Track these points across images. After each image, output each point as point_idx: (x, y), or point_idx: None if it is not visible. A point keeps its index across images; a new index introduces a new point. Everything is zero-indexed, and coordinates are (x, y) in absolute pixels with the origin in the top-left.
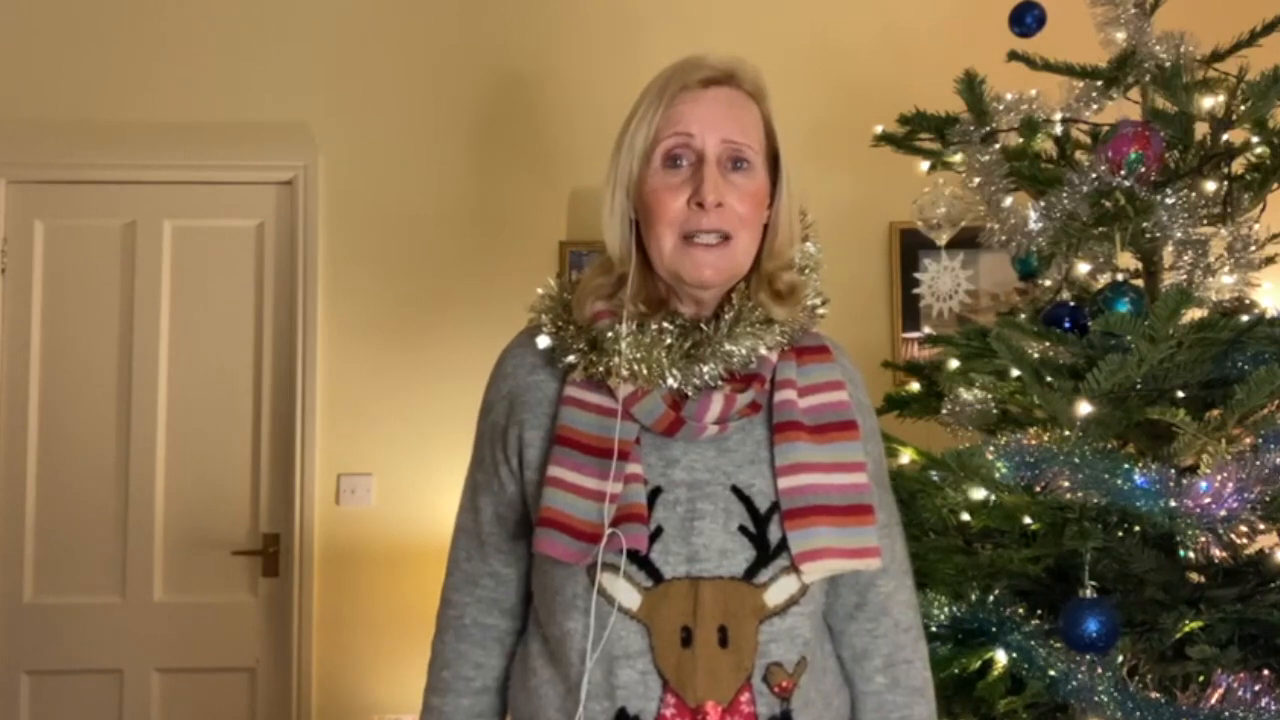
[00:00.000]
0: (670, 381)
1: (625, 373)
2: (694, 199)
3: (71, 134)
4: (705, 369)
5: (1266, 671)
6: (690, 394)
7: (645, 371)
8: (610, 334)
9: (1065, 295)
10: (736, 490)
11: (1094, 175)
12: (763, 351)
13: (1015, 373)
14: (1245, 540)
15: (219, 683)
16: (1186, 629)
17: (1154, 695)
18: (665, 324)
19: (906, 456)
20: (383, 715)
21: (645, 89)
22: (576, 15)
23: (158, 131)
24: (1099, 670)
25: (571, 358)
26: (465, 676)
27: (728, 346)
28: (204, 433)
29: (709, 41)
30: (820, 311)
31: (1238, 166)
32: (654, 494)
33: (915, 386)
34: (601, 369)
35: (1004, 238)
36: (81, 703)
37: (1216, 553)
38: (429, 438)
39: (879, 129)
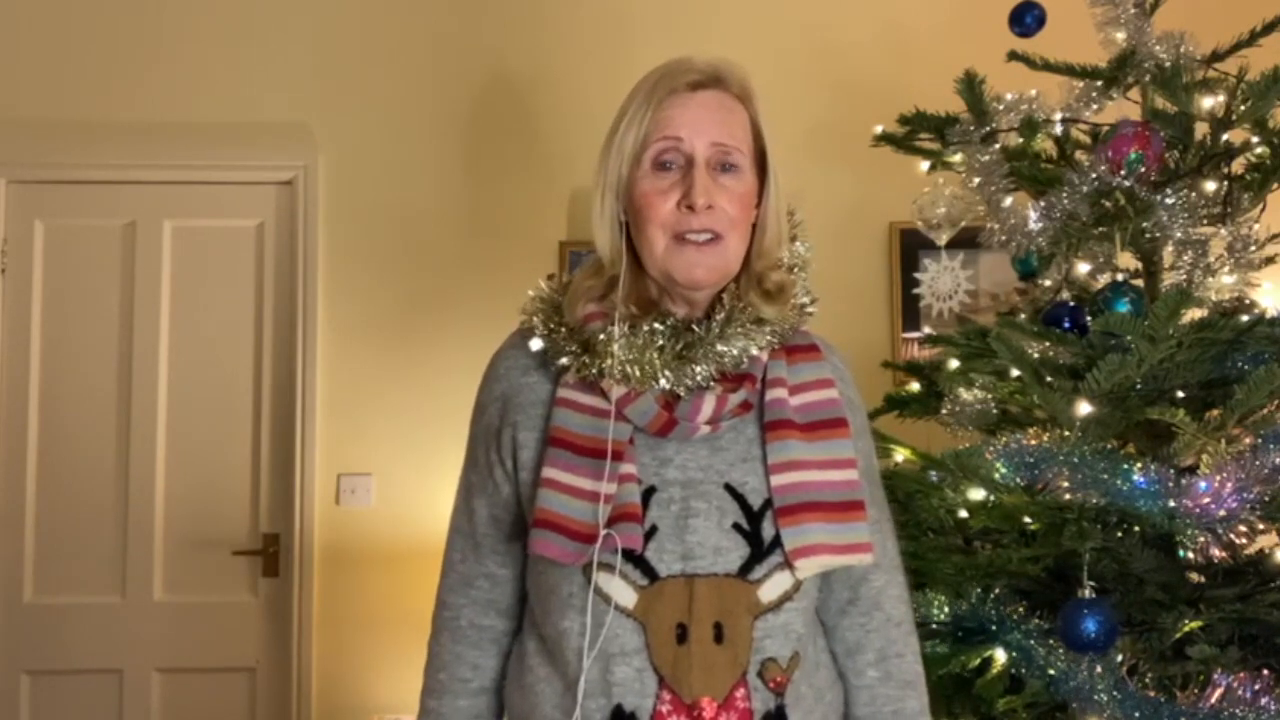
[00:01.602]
0: (663, 383)
1: (618, 374)
2: (684, 202)
3: (71, 134)
4: (697, 370)
5: (1266, 671)
6: (682, 394)
7: (638, 373)
8: (602, 336)
9: (1065, 295)
10: (729, 488)
11: (1094, 175)
12: (754, 352)
13: (1015, 373)
14: (1245, 540)
15: (219, 683)
16: (1186, 629)
17: (1153, 695)
18: (657, 325)
19: (901, 456)
20: (383, 715)
21: (633, 91)
22: (576, 16)
23: (158, 131)
24: (1098, 669)
25: (564, 360)
26: (462, 678)
27: (719, 347)
28: (204, 433)
29: (708, 42)
30: (810, 310)
31: (1238, 166)
32: (648, 493)
33: (915, 386)
34: (594, 371)
35: (1004, 238)
36: (81, 703)
37: (1216, 553)
38: (429, 438)
39: (879, 129)
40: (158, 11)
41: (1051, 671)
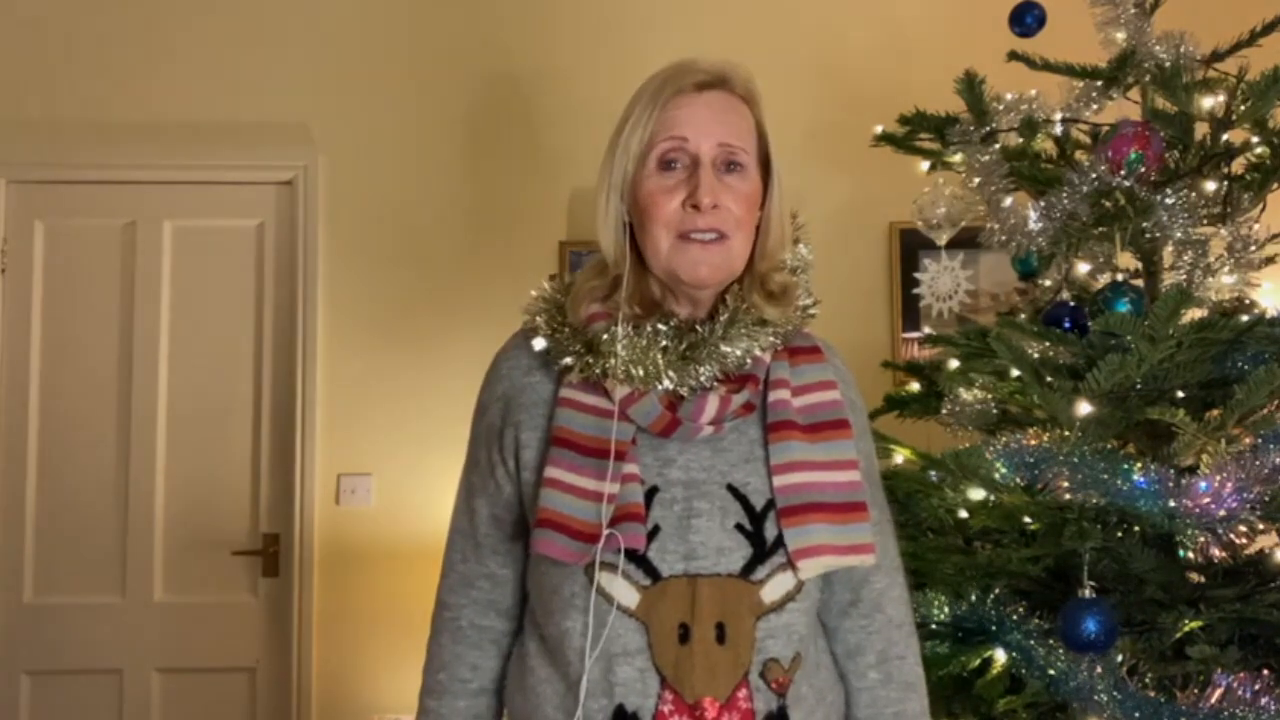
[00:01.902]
0: (666, 383)
1: (621, 374)
2: (689, 201)
3: (71, 134)
4: (701, 370)
5: (1266, 671)
6: (686, 395)
7: (641, 373)
8: (606, 336)
9: (1065, 295)
10: (732, 489)
11: (1094, 175)
12: (757, 352)
13: (1015, 373)
14: (1245, 540)
15: (219, 683)
16: (1186, 629)
17: (1153, 695)
18: (660, 325)
19: (901, 456)
20: (383, 715)
21: (638, 92)
22: (577, 15)
23: (158, 131)
24: (1098, 670)
25: (568, 359)
26: (462, 679)
27: (723, 348)
28: (204, 433)
29: (709, 41)
30: (812, 312)
31: (1238, 166)
32: (650, 493)
33: (915, 386)
34: (598, 371)
35: (1004, 238)
36: (81, 703)
37: (1216, 553)
38: (429, 438)
39: (879, 129)
40: (158, 12)
41: (1051, 671)
